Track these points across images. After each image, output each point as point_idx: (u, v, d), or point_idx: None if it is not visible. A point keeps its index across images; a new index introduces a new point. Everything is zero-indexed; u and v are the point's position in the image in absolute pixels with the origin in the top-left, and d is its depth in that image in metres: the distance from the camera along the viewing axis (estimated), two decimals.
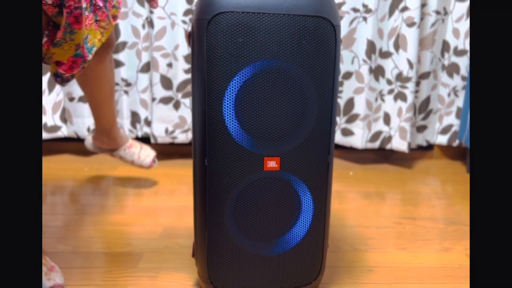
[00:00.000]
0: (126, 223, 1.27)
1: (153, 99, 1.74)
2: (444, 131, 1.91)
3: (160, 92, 1.74)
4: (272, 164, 0.83)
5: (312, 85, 0.82)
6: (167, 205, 1.41)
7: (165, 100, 1.75)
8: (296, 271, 0.91)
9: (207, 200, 0.85)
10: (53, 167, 1.68)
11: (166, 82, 1.74)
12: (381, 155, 1.93)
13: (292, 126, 0.83)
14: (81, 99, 1.76)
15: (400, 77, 1.75)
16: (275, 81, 0.80)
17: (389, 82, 1.77)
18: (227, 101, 0.79)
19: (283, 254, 0.89)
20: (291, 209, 0.87)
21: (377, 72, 1.78)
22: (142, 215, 1.31)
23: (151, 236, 1.20)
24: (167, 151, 1.88)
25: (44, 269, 0.93)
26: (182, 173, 1.70)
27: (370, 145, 1.84)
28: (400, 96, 1.77)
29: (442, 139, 1.92)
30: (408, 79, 1.74)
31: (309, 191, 0.87)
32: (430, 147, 1.97)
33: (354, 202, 1.50)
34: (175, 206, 1.40)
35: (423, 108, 1.87)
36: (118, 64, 1.73)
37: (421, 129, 1.90)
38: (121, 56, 1.72)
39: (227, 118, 0.80)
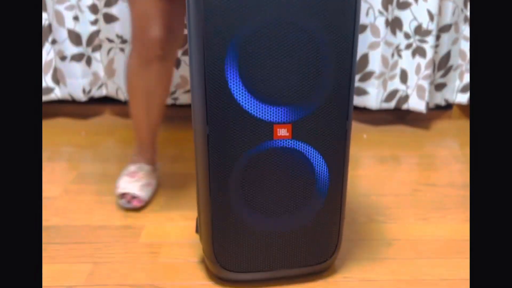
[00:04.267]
0: None
1: None
2: (465, 89, 1.79)
3: None
4: (282, 132, 0.76)
5: (329, 42, 0.72)
6: (169, 172, 1.34)
7: None
8: (309, 249, 0.85)
9: (210, 173, 0.77)
10: (49, 131, 1.60)
11: None
12: (397, 115, 1.85)
13: (306, 89, 0.74)
14: (73, 58, 1.64)
15: (419, 30, 1.62)
16: (285, 38, 0.71)
17: (407, 36, 1.65)
18: (230, 59, 0.70)
19: (295, 230, 0.83)
20: (304, 182, 0.80)
21: (394, 24, 1.65)
22: None
23: (152, 207, 1.14)
24: (168, 114, 1.78)
25: (143, 181, 1.14)
26: (185, 136, 1.61)
27: (385, 105, 1.75)
28: (419, 52, 1.64)
29: (462, 98, 1.80)
30: (428, 33, 1.61)
31: (325, 162, 0.80)
32: (449, 106, 1.86)
33: (368, 168, 1.42)
34: (178, 174, 1.33)
35: (442, 65, 1.74)
36: (112, 18, 1.60)
37: (439, 87, 1.78)
38: (114, 10, 1.59)
39: (230, 80, 0.71)
